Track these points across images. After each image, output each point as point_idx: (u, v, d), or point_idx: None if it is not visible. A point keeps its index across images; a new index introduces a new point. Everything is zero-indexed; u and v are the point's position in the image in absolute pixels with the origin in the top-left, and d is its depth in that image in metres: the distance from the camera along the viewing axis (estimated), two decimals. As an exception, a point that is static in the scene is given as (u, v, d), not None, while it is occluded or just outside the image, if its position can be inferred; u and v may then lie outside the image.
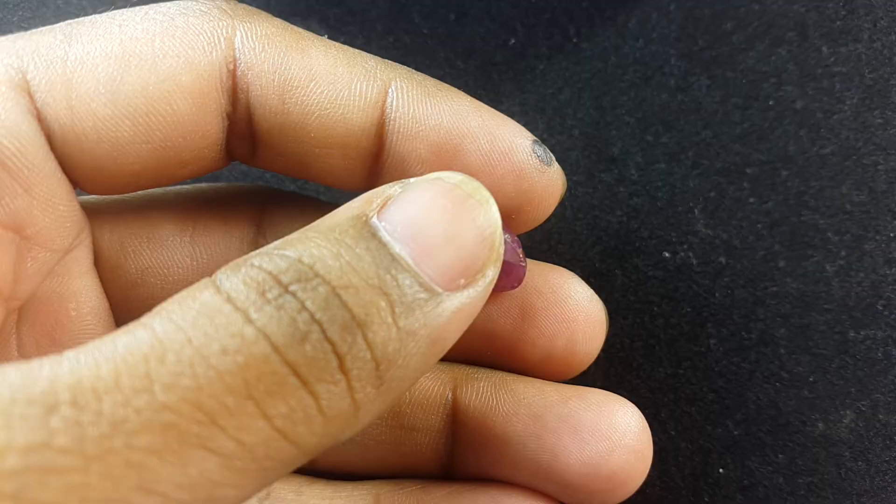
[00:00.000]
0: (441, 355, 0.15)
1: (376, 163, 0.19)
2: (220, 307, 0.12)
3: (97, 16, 0.17)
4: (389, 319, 0.14)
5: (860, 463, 0.24)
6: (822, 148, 0.25)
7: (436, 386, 0.20)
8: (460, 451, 0.20)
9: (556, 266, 0.20)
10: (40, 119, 0.17)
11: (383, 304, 0.14)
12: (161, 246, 0.20)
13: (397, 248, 0.14)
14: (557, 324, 0.19)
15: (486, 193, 0.16)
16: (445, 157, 0.18)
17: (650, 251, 0.25)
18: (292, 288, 0.13)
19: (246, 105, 0.18)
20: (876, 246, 0.24)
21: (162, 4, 0.18)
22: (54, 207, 0.17)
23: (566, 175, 0.20)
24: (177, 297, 0.13)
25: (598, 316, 0.20)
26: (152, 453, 0.11)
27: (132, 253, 0.20)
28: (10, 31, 0.26)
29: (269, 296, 0.13)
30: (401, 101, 0.18)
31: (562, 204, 0.25)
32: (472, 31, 0.26)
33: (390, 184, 0.16)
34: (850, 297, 0.24)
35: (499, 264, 0.16)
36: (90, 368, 0.11)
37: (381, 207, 0.15)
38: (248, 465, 0.12)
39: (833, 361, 0.24)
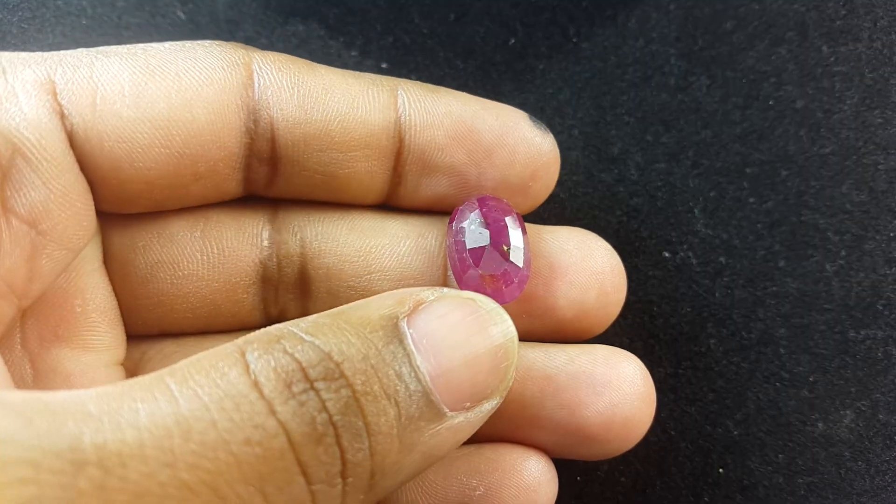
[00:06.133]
0: (429, 468, 0.16)
1: (398, 162, 0.20)
2: (248, 394, 0.13)
3: (121, 45, 0.19)
4: (394, 431, 0.14)
5: (860, 463, 0.23)
6: (822, 148, 0.25)
7: None
8: None
9: (572, 227, 0.21)
10: (62, 116, 0.17)
11: (392, 413, 0.14)
12: (171, 241, 0.20)
13: (419, 360, 0.15)
14: (589, 276, 0.20)
15: (512, 330, 0.17)
16: (462, 139, 0.19)
17: (650, 251, 0.25)
18: (317, 385, 0.14)
19: (269, 121, 0.19)
20: (876, 246, 0.24)
21: (181, 41, 0.19)
22: (71, 203, 0.17)
23: (566, 175, 0.20)
24: (202, 362, 0.13)
25: (620, 266, 0.21)
26: None
27: (142, 248, 0.20)
28: (10, 32, 0.26)
29: (295, 389, 0.13)
30: (410, 99, 0.19)
31: (562, 204, 0.25)
32: (472, 31, 0.26)
33: (423, 288, 0.17)
34: (850, 297, 0.24)
35: (504, 394, 0.17)
36: (114, 432, 0.12)
37: (413, 311, 0.16)
38: None
39: (833, 361, 0.24)
